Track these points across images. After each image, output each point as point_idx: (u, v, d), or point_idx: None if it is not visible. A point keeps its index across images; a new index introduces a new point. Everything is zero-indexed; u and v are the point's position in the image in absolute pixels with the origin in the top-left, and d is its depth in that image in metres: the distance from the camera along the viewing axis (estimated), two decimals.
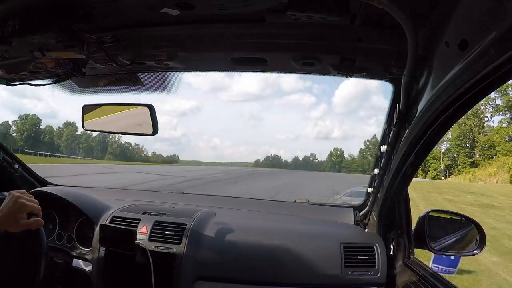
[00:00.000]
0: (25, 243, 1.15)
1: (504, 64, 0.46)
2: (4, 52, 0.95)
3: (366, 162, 65.75)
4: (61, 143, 54.30)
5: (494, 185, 23.20)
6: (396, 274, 1.24)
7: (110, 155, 56.48)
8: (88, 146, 56.03)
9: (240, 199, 2.11)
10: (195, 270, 1.26)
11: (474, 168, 51.18)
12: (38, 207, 1.01)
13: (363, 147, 69.74)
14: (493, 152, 49.93)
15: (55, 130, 56.84)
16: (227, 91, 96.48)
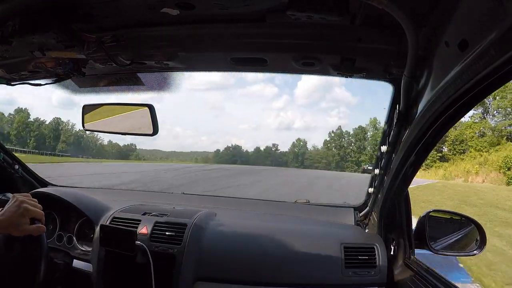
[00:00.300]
0: (26, 244, 1.15)
1: (504, 64, 0.46)
2: (4, 52, 0.95)
3: (331, 154, 64.16)
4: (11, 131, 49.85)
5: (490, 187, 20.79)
6: (396, 274, 1.24)
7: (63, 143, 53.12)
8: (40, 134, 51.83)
9: (240, 199, 2.11)
10: (195, 270, 1.26)
11: (444, 163, 48.39)
12: (42, 212, 1.01)
13: (328, 138, 67.51)
14: (464, 147, 48.00)
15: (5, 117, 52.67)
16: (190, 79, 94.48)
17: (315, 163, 64.80)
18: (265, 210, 1.72)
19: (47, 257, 1.16)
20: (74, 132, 57.74)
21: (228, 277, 1.25)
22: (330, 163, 65.82)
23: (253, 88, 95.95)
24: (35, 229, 0.98)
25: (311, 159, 66.07)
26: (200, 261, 1.27)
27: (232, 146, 75.81)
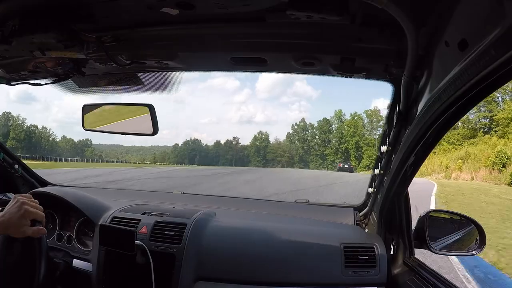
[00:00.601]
0: (25, 245, 1.15)
1: (504, 64, 0.46)
2: (4, 52, 0.95)
3: (294, 148, 61.54)
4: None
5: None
6: (396, 274, 1.24)
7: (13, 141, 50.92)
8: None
9: (240, 199, 2.11)
10: (195, 270, 1.26)
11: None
12: (42, 214, 1.00)
13: (291, 131, 65.08)
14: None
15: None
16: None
17: (277, 157, 62.07)
18: (265, 210, 1.72)
19: (47, 256, 1.16)
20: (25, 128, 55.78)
21: (228, 276, 1.25)
22: (293, 156, 62.86)
23: (214, 82, 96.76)
24: (35, 231, 0.97)
25: (273, 153, 63.35)
26: (200, 260, 1.27)
27: (192, 140, 72.43)
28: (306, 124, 65.54)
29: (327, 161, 60.34)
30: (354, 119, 60.05)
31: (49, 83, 1.24)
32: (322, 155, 61.20)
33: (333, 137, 62.20)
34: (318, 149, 61.98)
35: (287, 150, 63.03)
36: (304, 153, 62.66)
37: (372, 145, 56.55)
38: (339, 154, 60.00)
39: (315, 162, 60.75)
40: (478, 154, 28.34)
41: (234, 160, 63.47)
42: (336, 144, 60.67)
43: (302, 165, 61.06)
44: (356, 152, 58.39)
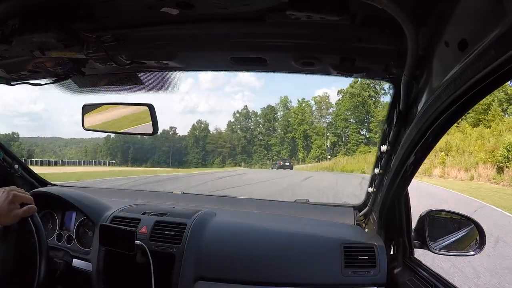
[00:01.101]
0: (21, 235, 1.15)
1: (504, 64, 0.46)
2: (4, 52, 0.95)
3: (236, 137, 56.23)
4: None
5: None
6: (396, 274, 1.24)
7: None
8: None
9: (240, 199, 2.11)
10: (195, 270, 1.26)
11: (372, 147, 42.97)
12: (30, 197, 1.05)
13: (232, 119, 58.89)
14: None
15: None
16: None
17: (218, 148, 56.58)
18: (265, 210, 1.72)
19: (47, 254, 1.16)
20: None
21: (228, 276, 1.25)
22: (236, 147, 57.09)
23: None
24: (26, 211, 1.02)
25: (213, 143, 57.26)
26: (200, 260, 1.27)
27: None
28: (249, 112, 59.21)
29: (272, 152, 54.74)
30: (301, 106, 54.38)
31: (49, 83, 1.24)
32: (267, 145, 55.75)
33: (279, 125, 56.46)
34: (262, 139, 56.47)
35: (229, 140, 57.19)
36: (247, 144, 57.08)
37: (321, 134, 51.65)
38: (285, 144, 54.42)
39: (259, 153, 55.51)
40: (461, 145, 24.19)
41: (171, 152, 58.13)
42: (282, 133, 55.26)
43: (245, 156, 55.61)
44: (304, 142, 53.30)
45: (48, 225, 1.58)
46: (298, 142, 53.36)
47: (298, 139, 53.16)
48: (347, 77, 1.06)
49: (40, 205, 1.51)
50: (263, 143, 56.36)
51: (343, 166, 35.23)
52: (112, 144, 61.81)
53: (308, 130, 52.98)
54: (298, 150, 53.46)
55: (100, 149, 64.11)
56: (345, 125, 49.89)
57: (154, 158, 58.55)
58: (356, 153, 44.48)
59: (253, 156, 55.64)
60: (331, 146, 50.03)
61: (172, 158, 57.62)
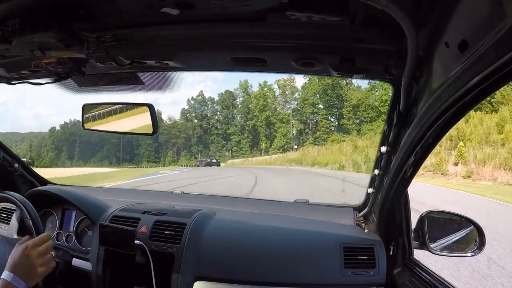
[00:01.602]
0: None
1: (504, 65, 0.46)
2: (4, 51, 0.95)
3: (191, 126, 52.17)
4: None
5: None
6: (396, 274, 1.24)
7: None
8: None
9: (239, 199, 2.11)
10: (195, 270, 1.26)
11: (345, 135, 37.74)
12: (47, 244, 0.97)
13: (187, 107, 54.82)
14: (372, 115, 37.26)
15: None
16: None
17: (172, 138, 52.29)
18: (264, 210, 1.72)
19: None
20: None
21: (227, 276, 1.25)
22: (191, 137, 52.41)
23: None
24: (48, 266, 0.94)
25: (166, 134, 52.65)
26: (199, 260, 1.27)
27: (71, 122, 59.49)
28: (205, 98, 54.00)
29: (231, 142, 49.99)
30: (263, 91, 49.60)
31: (49, 83, 1.24)
32: (225, 135, 50.69)
33: (238, 112, 51.14)
34: (220, 128, 51.17)
35: (183, 129, 52.56)
36: (203, 133, 52.04)
37: (286, 121, 46.30)
38: (245, 133, 49.41)
39: (217, 144, 50.75)
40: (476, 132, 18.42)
41: (121, 145, 54.04)
42: (242, 121, 50.23)
43: (201, 147, 51.00)
44: (267, 130, 48.38)
45: (47, 224, 1.58)
46: (260, 131, 48.57)
47: (260, 127, 48.53)
48: (347, 78, 1.06)
49: (39, 204, 1.52)
50: (221, 132, 51.41)
51: (314, 158, 30.11)
52: (57, 137, 56.93)
53: (271, 117, 48.14)
54: (260, 140, 48.75)
55: (45, 143, 59.70)
56: (313, 110, 45.14)
57: (103, 153, 54.74)
58: (328, 142, 39.24)
59: (210, 147, 51.05)
60: (297, 135, 44.93)
61: (122, 151, 53.72)
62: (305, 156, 33.41)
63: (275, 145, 46.57)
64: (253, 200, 2.15)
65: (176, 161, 49.20)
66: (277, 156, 41.58)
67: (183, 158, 49.53)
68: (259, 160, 41.84)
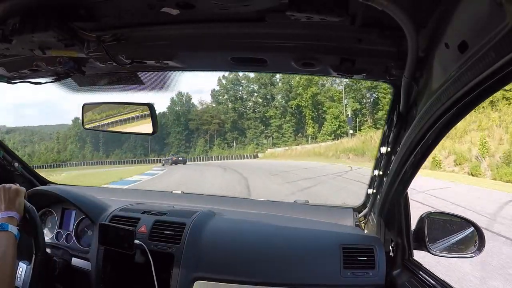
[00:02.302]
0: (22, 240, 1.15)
1: (504, 66, 0.45)
2: (5, 50, 0.95)
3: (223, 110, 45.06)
4: None
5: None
6: (395, 275, 1.24)
7: None
8: None
9: (239, 199, 2.11)
10: (194, 270, 1.26)
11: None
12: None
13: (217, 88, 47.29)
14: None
15: None
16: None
17: (203, 125, 45.43)
18: (264, 210, 1.72)
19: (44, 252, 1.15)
20: None
21: (227, 276, 1.25)
22: (224, 123, 44.45)
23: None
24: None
25: (198, 120, 45.87)
26: (198, 260, 1.27)
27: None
28: (239, 75, 44.91)
29: (271, 127, 41.66)
30: None
31: (50, 82, 1.24)
32: (264, 119, 42.15)
33: (278, 91, 41.88)
34: (257, 111, 42.58)
35: (215, 114, 45.03)
36: (238, 117, 44.14)
37: (337, 99, 37.04)
38: (288, 115, 40.45)
39: (254, 129, 42.73)
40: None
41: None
42: (283, 101, 41.23)
43: (236, 133, 44.04)
44: (314, 111, 38.87)
45: (47, 224, 1.59)
46: (305, 112, 39.28)
47: (305, 107, 39.20)
48: (347, 78, 1.06)
49: (39, 203, 1.52)
50: (259, 116, 42.90)
51: None
52: (80, 129, 50.33)
53: (319, 94, 38.08)
54: (306, 123, 39.64)
55: (69, 135, 56.15)
56: (371, 84, 33.56)
57: (129, 144, 49.50)
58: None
59: (246, 133, 43.19)
60: (352, 116, 35.16)
61: (151, 142, 47.94)
62: (367, 144, 23.17)
63: (325, 129, 37.54)
64: (253, 200, 2.15)
65: (208, 150, 42.66)
66: (328, 144, 31.92)
67: (216, 147, 42.84)
68: (305, 150, 32.82)
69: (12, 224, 0.97)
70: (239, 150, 40.87)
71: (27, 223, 1.08)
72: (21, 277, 1.12)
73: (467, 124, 17.41)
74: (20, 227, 1.03)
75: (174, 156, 35.16)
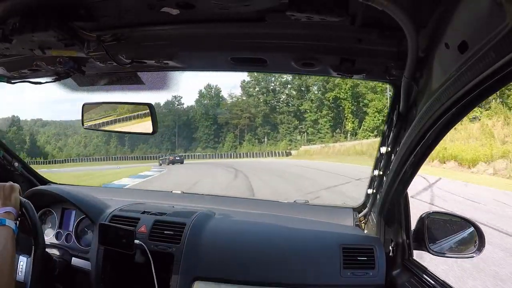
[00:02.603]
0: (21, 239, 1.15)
1: (504, 66, 0.45)
2: (5, 50, 0.95)
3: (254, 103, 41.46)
4: None
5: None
6: (395, 275, 1.24)
7: None
8: None
9: (239, 199, 2.11)
10: (194, 270, 1.26)
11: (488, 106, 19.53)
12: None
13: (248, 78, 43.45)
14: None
15: None
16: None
17: (233, 119, 41.86)
18: (264, 210, 1.72)
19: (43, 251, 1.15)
20: None
21: (226, 276, 1.25)
22: (255, 117, 40.33)
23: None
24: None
25: (228, 114, 42.50)
26: (198, 260, 1.27)
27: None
28: None
29: (305, 122, 37.74)
30: None
31: (50, 82, 1.24)
32: (298, 113, 38.31)
33: (314, 81, 37.59)
34: (291, 104, 38.56)
35: (245, 107, 41.32)
36: (269, 111, 40.41)
37: (380, 91, 32.10)
38: (324, 108, 36.34)
39: (287, 124, 39.07)
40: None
41: (177, 128, 45.96)
42: (319, 92, 37.01)
43: (267, 128, 40.49)
44: (354, 104, 34.70)
45: (47, 224, 1.58)
46: (344, 105, 35.02)
47: (344, 100, 34.98)
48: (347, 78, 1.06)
49: (39, 203, 1.52)
50: (292, 110, 38.52)
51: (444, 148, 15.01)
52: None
53: (359, 85, 33.13)
54: (345, 118, 35.25)
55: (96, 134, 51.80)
56: None
57: (156, 138, 46.77)
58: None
59: (278, 128, 38.96)
60: None
61: (178, 136, 45.46)
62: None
63: (366, 125, 32.93)
64: (253, 200, 2.15)
65: (237, 146, 39.99)
66: (371, 142, 27.34)
67: (247, 143, 39.91)
68: (344, 147, 29.41)
69: (10, 219, 0.98)
70: (270, 146, 37.69)
71: (24, 218, 1.09)
72: (22, 271, 1.12)
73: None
74: (19, 223, 1.04)
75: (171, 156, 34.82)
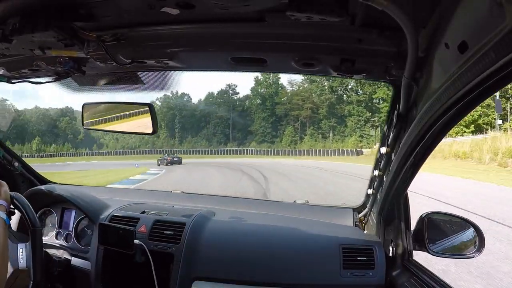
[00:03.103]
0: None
1: (504, 66, 0.45)
2: (5, 50, 0.95)
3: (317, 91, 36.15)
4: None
5: None
6: (395, 276, 1.24)
7: None
8: None
9: (239, 199, 2.11)
10: (194, 270, 1.26)
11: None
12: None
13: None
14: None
15: None
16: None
17: (293, 110, 36.44)
18: (263, 210, 1.72)
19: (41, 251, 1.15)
20: None
21: (226, 276, 1.25)
22: (318, 107, 34.74)
23: None
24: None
25: (286, 104, 36.64)
26: (198, 260, 1.27)
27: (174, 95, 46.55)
28: None
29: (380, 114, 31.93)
30: None
31: (50, 82, 1.25)
32: (369, 103, 31.78)
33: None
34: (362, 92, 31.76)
35: (306, 96, 35.30)
36: (336, 101, 34.66)
37: None
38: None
39: (358, 116, 32.96)
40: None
41: (231, 119, 42.38)
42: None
43: (333, 121, 34.72)
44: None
45: (47, 224, 1.59)
46: None
47: None
48: (347, 78, 1.06)
49: (39, 203, 1.52)
50: (363, 99, 32.44)
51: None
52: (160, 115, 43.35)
53: None
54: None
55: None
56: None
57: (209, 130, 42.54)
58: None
59: (347, 122, 33.32)
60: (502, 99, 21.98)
61: (232, 129, 40.93)
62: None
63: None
64: (253, 200, 2.15)
65: (297, 141, 35.51)
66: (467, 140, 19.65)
67: (308, 138, 35.86)
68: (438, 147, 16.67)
69: (1, 210, 1.03)
70: (336, 142, 33.59)
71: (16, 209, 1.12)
72: (23, 257, 1.13)
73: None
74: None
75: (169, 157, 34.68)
